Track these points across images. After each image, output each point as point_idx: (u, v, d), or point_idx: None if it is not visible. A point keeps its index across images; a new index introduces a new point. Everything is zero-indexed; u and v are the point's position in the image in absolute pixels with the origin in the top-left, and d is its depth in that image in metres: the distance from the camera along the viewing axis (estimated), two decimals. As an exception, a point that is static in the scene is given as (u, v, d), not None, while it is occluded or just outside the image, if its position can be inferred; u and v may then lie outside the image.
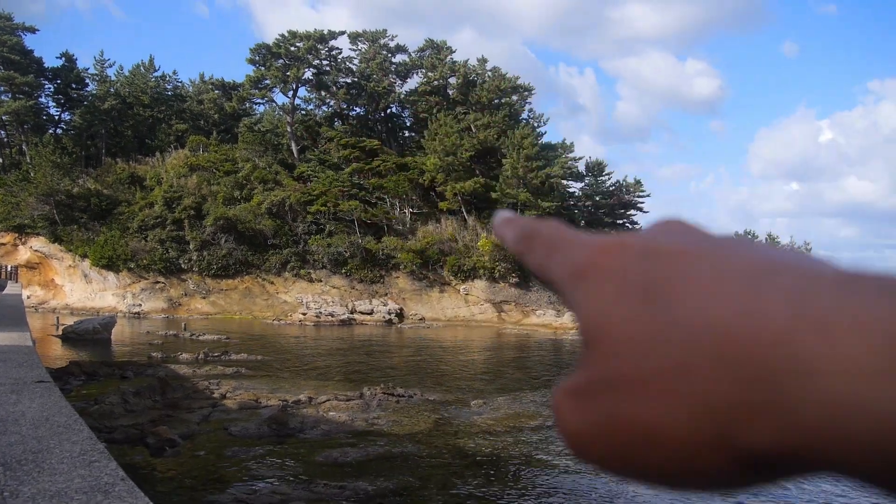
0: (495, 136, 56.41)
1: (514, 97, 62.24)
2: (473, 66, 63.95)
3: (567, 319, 47.59)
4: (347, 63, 66.69)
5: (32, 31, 66.14)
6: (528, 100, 63.65)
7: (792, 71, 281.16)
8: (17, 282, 37.18)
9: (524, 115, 63.47)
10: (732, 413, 0.23)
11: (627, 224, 62.80)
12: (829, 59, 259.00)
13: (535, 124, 62.49)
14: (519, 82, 62.04)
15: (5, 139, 65.47)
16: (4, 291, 23.33)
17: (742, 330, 0.23)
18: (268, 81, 63.20)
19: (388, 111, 69.39)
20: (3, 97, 62.49)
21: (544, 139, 60.18)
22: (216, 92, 70.42)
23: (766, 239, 54.75)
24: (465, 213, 55.35)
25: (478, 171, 55.61)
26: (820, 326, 0.21)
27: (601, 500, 10.99)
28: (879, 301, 0.21)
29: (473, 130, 57.21)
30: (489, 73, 63.24)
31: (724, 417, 0.23)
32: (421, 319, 49.52)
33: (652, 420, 0.26)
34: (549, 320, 48.31)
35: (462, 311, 51.13)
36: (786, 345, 0.22)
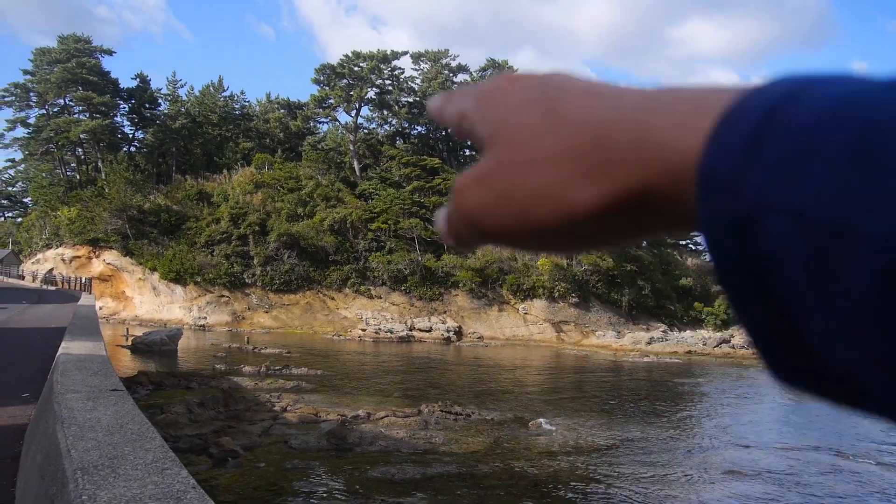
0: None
1: (576, 116, 61.91)
2: (535, 85, 63.84)
3: (627, 342, 46.82)
4: (409, 82, 67.54)
5: (109, 53, 69.07)
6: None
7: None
8: (90, 293, 38.48)
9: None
10: (602, 167, 0.35)
11: (690, 245, 61.67)
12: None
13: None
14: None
15: (82, 157, 68.20)
16: (79, 303, 24.17)
17: (609, 117, 0.36)
18: (332, 101, 64.37)
19: (449, 130, 69.61)
20: (81, 116, 65.17)
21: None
22: (281, 111, 72.08)
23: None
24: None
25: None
26: (654, 109, 0.34)
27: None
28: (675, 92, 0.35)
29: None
30: (550, 93, 63.03)
31: (597, 170, 0.35)
32: (479, 338, 49.34)
33: (542, 182, 0.37)
34: (609, 341, 47.55)
35: (521, 331, 50.77)
36: (636, 122, 0.34)
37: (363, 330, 48.16)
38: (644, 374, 32.80)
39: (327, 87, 64.37)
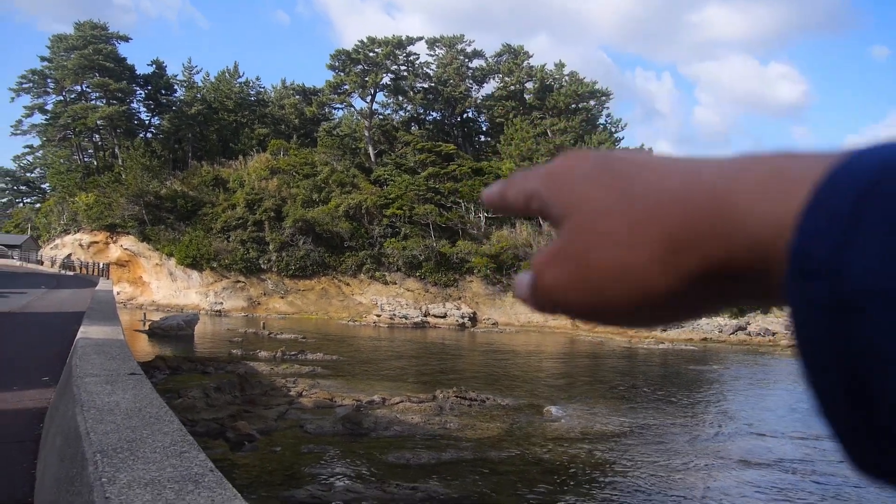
0: (572, 141, 55.81)
1: (592, 102, 61.53)
2: (550, 70, 63.52)
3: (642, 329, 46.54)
4: (425, 68, 67.31)
5: (125, 39, 69.24)
6: (606, 105, 62.92)
7: (882, 76, 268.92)
8: (108, 279, 38.83)
9: (602, 120, 62.70)
10: (681, 245, 0.34)
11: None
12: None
13: (613, 129, 61.69)
14: (597, 87, 61.30)
15: (99, 143, 68.61)
16: (97, 288, 24.37)
17: (686, 191, 0.35)
18: (347, 86, 64.29)
19: (465, 116, 69.60)
20: (98, 103, 65.50)
21: (621, 144, 59.23)
22: (297, 97, 72.07)
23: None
24: (540, 219, 54.76)
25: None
26: (736, 180, 0.33)
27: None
28: (768, 159, 0.33)
29: (550, 135, 56.79)
30: (566, 78, 62.70)
31: (675, 248, 0.34)
32: (494, 324, 49.38)
33: (616, 261, 0.36)
34: (624, 328, 47.33)
35: (535, 317, 50.69)
36: (717, 196, 0.33)
37: (378, 316, 48.32)
38: (659, 360, 32.71)
39: (342, 73, 64.28)
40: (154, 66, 69.51)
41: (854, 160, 0.29)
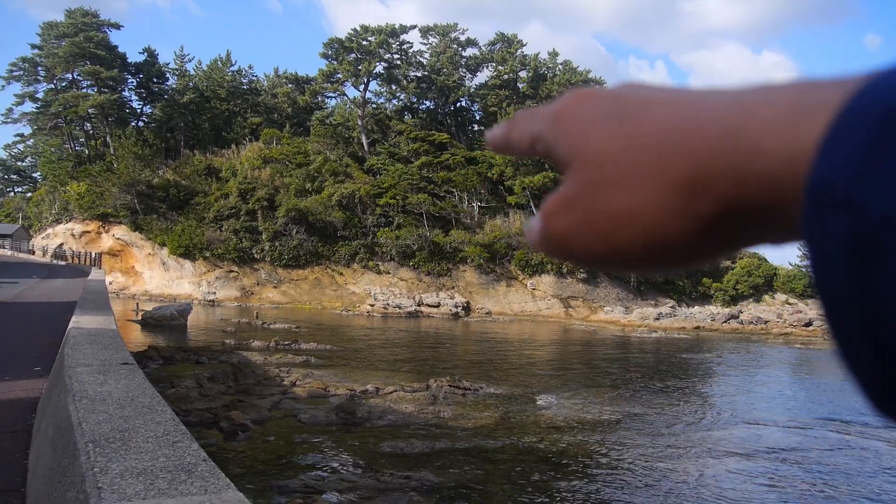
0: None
1: (586, 91, 61.45)
2: (544, 59, 63.44)
3: (636, 317, 46.83)
4: (418, 57, 67.05)
5: (117, 27, 68.78)
6: (600, 94, 62.76)
7: (874, 64, 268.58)
8: (100, 268, 38.70)
9: (595, 109, 62.60)
10: (693, 187, 0.32)
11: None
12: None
13: (606, 118, 61.56)
14: (590, 76, 61.26)
15: (91, 131, 68.23)
16: (89, 277, 24.29)
17: (697, 128, 0.33)
18: (340, 75, 64.05)
19: (458, 105, 69.43)
20: (89, 91, 65.09)
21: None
22: (289, 86, 71.75)
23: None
24: (533, 208, 55.00)
25: (547, 166, 55.17)
26: (752, 113, 0.31)
27: (666, 496, 10.79)
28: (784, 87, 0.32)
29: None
30: (560, 67, 62.64)
31: (688, 191, 0.33)
32: (487, 313, 49.47)
33: (626, 204, 0.35)
34: (618, 317, 47.58)
35: (529, 306, 50.85)
36: (731, 131, 0.31)
37: (371, 305, 48.34)
38: (652, 349, 32.84)
39: (335, 62, 64.02)
40: (146, 53, 69.07)
41: (875, 84, 0.28)
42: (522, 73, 63.40)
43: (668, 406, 18.16)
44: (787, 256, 61.01)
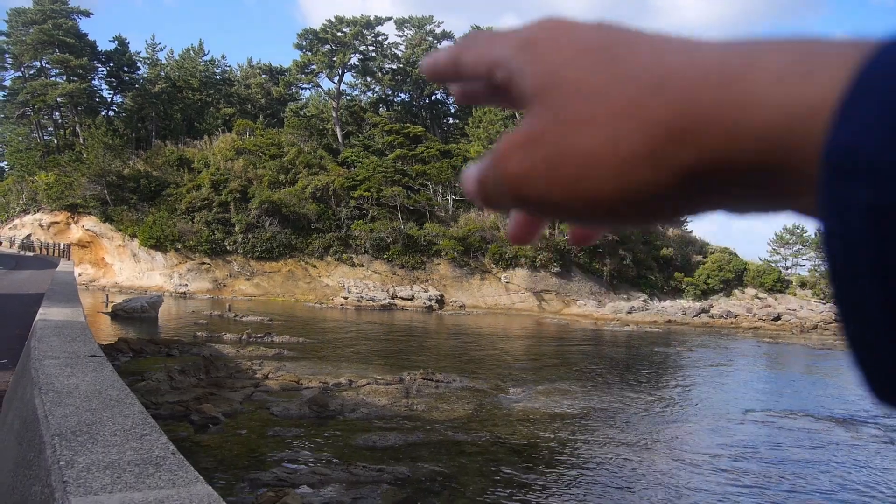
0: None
1: (560, 85, 61.76)
2: (519, 53, 63.49)
3: (608, 311, 47.23)
4: (393, 49, 66.90)
5: (87, 14, 67.61)
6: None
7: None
8: (69, 260, 38.15)
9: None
10: (676, 134, 0.29)
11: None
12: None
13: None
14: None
15: (59, 121, 67.11)
16: (57, 269, 23.94)
17: (687, 71, 0.30)
18: (314, 66, 63.67)
19: (433, 98, 69.37)
20: (58, 79, 63.98)
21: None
22: (263, 77, 71.20)
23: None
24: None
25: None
26: (754, 61, 0.28)
27: (636, 488, 10.92)
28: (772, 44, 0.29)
29: (518, 118, 56.82)
30: (535, 61, 62.76)
31: (669, 138, 0.29)
32: (461, 306, 49.58)
33: (601, 147, 0.31)
34: (590, 310, 47.95)
35: (502, 300, 51.04)
36: (727, 77, 0.29)
37: (345, 298, 48.22)
38: (624, 343, 33.14)
39: (310, 53, 63.61)
40: (116, 42, 68.02)
41: None
42: (498, 67, 63.44)
43: (638, 399, 18.36)
44: (757, 251, 61.84)
